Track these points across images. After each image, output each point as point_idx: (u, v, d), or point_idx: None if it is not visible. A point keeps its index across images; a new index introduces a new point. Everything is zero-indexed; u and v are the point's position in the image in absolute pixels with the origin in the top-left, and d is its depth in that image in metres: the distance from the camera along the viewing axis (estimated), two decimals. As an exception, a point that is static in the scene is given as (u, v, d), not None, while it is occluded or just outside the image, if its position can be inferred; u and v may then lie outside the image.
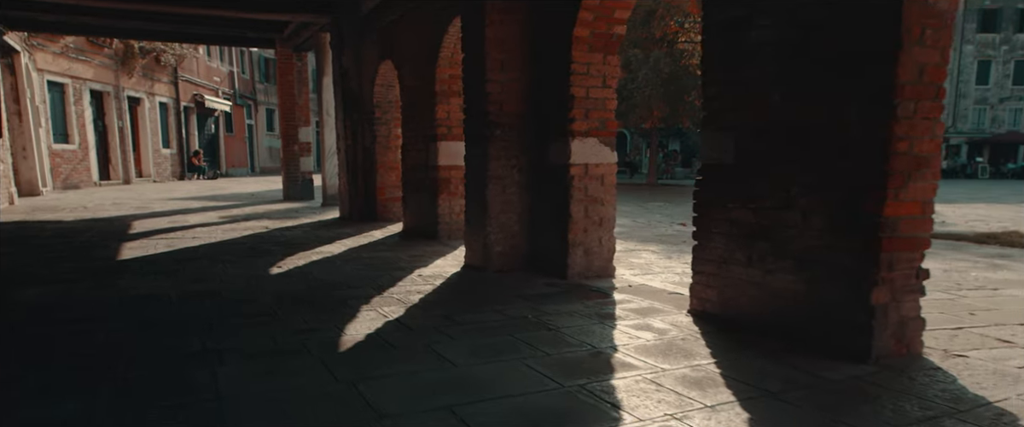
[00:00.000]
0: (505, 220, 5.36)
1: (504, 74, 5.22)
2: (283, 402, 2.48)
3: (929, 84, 2.87)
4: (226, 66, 28.90)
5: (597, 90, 4.95)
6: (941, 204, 14.80)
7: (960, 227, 9.69)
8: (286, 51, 13.34)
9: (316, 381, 2.70)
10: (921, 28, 2.80)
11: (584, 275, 5.01)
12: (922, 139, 2.90)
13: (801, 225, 3.21)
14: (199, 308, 4.02)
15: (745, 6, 3.40)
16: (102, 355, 3.05)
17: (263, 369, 2.86)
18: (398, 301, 4.21)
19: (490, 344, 3.24)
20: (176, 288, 4.61)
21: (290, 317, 3.78)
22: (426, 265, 5.63)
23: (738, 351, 3.16)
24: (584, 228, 5.01)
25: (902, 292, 2.99)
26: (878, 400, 2.52)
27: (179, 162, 23.85)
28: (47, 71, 16.10)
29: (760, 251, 3.44)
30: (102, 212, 10.52)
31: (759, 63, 3.36)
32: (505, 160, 5.32)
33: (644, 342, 3.29)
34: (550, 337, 3.37)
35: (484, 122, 5.26)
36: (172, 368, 2.88)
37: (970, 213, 12.25)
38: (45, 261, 5.76)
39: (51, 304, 4.15)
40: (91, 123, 18.19)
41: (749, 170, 3.49)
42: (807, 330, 3.20)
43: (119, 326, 3.60)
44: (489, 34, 5.13)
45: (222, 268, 5.43)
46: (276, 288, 4.64)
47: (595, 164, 5.00)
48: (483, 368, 2.87)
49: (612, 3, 4.74)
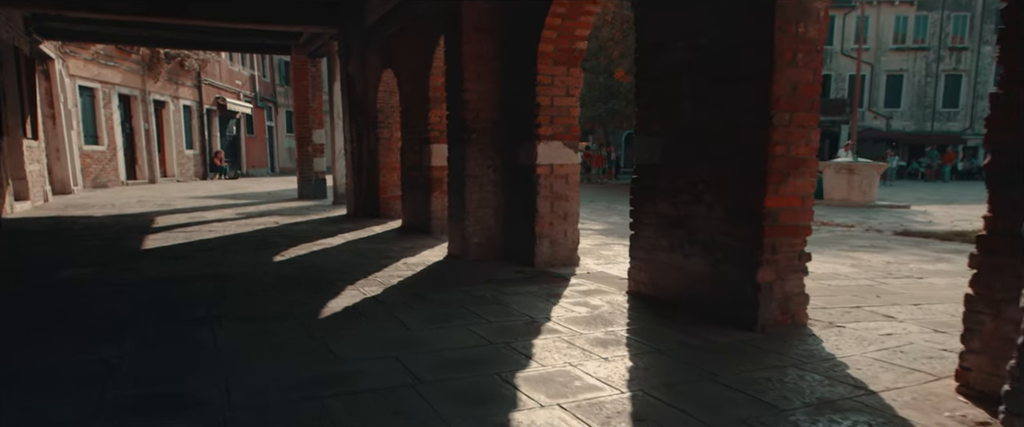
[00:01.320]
0: (482, 214, 6.00)
1: (480, 85, 5.86)
2: (266, 350, 3.14)
3: (803, 98, 3.46)
4: (247, 70, 29.90)
5: (561, 99, 5.56)
6: (942, 205, 15.02)
7: (942, 226, 10.09)
8: (301, 57, 14.11)
9: (295, 338, 3.36)
10: (793, 53, 3.38)
11: (550, 263, 5.62)
12: (798, 144, 3.48)
13: (707, 216, 3.81)
14: (208, 287, 4.70)
15: (661, 33, 4.01)
16: (127, 318, 3.74)
17: (254, 330, 3.52)
18: (379, 283, 4.87)
19: (445, 314, 3.88)
20: (190, 271, 5.31)
21: (284, 294, 4.46)
22: (413, 255, 6.28)
23: (652, 321, 3.76)
24: (550, 222, 5.62)
25: (786, 271, 3.57)
26: (744, 356, 3.11)
27: (201, 162, 24.84)
28: (79, 76, 17.08)
29: (679, 238, 4.03)
30: (128, 209, 11.35)
31: (674, 79, 3.97)
32: (481, 161, 5.95)
33: (576, 315, 3.91)
34: (498, 310, 4.00)
35: (463, 127, 5.90)
36: (182, 327, 3.56)
37: (965, 213, 12.58)
38: (78, 249, 6.52)
39: (85, 281, 4.87)
40: (119, 125, 19.18)
41: (671, 169, 4.08)
42: (713, 305, 3.79)
43: (140, 299, 4.29)
44: (466, 50, 5.77)
45: (232, 256, 6.14)
46: (276, 272, 5.33)
47: (560, 164, 5.61)
48: (432, 331, 3.51)
49: (572, 23, 5.35)
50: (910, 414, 2.39)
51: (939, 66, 40.26)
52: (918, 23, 40.20)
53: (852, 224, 10.02)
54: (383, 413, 2.39)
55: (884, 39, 40.28)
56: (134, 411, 2.41)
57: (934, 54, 40.16)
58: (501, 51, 5.85)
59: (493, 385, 2.68)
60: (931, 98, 40.46)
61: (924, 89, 40.41)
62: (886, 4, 39.92)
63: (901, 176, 36.15)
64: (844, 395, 2.57)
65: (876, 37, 40.19)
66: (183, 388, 2.63)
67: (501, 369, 2.88)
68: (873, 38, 40.20)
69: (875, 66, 40.54)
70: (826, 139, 37.87)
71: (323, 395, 2.55)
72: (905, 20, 40.18)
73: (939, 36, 39.88)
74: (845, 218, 10.94)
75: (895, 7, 39.86)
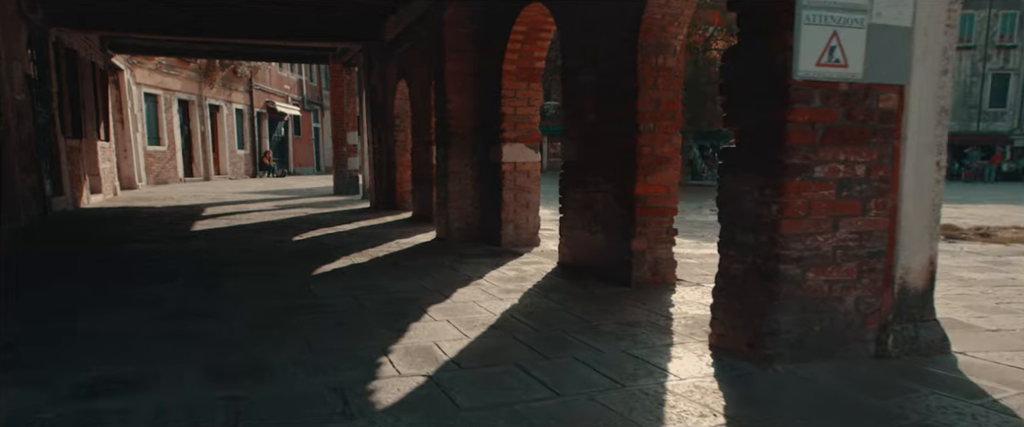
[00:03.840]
0: (462, 203, 7.26)
1: (459, 97, 7.12)
2: (267, 291, 4.47)
3: (664, 112, 4.59)
4: (296, 75, 31.91)
5: (523, 108, 6.77)
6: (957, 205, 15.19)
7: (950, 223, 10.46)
8: (337, 66, 15.64)
9: (288, 283, 4.70)
10: (654, 78, 4.53)
11: (515, 244, 6.83)
12: (662, 146, 4.62)
13: (604, 201, 4.98)
14: (236, 256, 6.10)
15: (576, 61, 5.20)
16: (174, 273, 5.14)
17: (262, 281, 4.87)
18: (368, 255, 6.18)
19: (406, 274, 5.16)
20: (225, 246, 6.75)
21: (292, 261, 5.82)
22: (407, 238, 7.58)
23: (558, 279, 4.96)
24: (514, 209, 6.83)
25: (655, 242, 4.71)
26: (607, 301, 4.27)
27: (252, 162, 26.86)
28: (144, 84, 19.07)
29: (588, 218, 5.21)
30: (184, 201, 13.04)
31: (585, 95, 5.14)
32: (462, 159, 7.21)
33: (505, 275, 5.13)
34: (448, 272, 5.25)
35: (446, 131, 7.18)
36: (211, 279, 4.94)
37: (976, 213, 12.89)
38: (141, 231, 8.05)
39: (146, 252, 6.34)
40: (178, 128, 21.18)
41: (584, 165, 5.26)
42: (607, 268, 4.95)
43: (184, 262, 5.71)
44: (448, 68, 7.04)
45: (261, 236, 7.57)
46: (292, 248, 6.71)
47: (522, 162, 6.82)
48: (388, 283, 4.79)
49: (530, 47, 6.55)
50: (682, 333, 3.54)
51: (986, 65, 39.53)
52: (964, 21, 39.52)
53: None
54: (332, 323, 3.67)
55: (927, 38, 39.74)
56: (177, 317, 3.76)
57: (981, 53, 39.47)
58: (476, 69, 7.09)
59: (413, 311, 3.93)
60: (977, 97, 39.78)
61: (970, 88, 39.75)
62: (930, 3, 39.38)
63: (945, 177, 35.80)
64: (648, 320, 3.73)
65: (920, 36, 39.72)
66: (207, 308, 3.98)
67: (424, 304, 4.13)
68: (916, 37, 39.75)
69: (918, 66, 40.05)
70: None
71: (298, 312, 3.85)
72: (950, 19, 39.53)
73: (986, 34, 39.16)
74: None
75: (939, 6, 39.30)
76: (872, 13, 2.74)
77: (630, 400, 2.51)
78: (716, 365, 2.94)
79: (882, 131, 2.90)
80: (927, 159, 3.01)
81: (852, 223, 2.91)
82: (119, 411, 2.37)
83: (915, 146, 2.96)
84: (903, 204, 2.98)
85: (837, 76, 2.74)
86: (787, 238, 2.80)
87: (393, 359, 2.99)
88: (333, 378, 2.73)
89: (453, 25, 7.00)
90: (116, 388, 2.61)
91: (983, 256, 6.58)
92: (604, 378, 2.75)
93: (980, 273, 5.50)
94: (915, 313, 3.09)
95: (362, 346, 3.20)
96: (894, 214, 2.98)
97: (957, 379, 2.76)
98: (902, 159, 2.95)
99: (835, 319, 2.95)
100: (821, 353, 2.94)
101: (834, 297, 2.93)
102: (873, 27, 2.75)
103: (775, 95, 2.77)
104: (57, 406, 2.41)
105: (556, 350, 3.15)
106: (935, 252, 3.13)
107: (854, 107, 2.83)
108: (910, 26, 2.82)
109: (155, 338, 3.34)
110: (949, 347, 3.13)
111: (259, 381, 2.71)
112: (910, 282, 3.06)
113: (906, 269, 3.04)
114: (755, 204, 2.90)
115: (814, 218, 2.83)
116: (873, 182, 2.92)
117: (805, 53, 2.66)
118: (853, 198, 2.89)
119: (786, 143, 2.75)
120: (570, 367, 2.90)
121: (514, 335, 3.44)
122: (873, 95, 2.85)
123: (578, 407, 2.44)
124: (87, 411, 2.37)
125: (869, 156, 2.89)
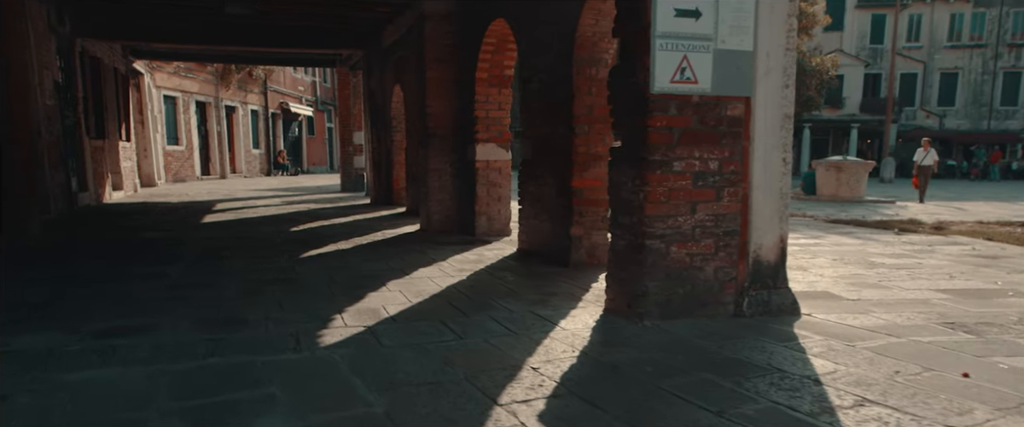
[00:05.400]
0: (442, 197, 8.02)
1: (439, 101, 7.88)
2: (257, 270, 5.26)
3: (598, 116, 5.31)
4: (309, 77, 32.91)
5: (495, 112, 7.51)
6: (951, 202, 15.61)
7: (896, 218, 11.01)
8: (343, 70, 16.51)
9: (276, 264, 5.49)
10: (588, 87, 5.25)
11: (487, 233, 7.58)
12: (596, 145, 5.34)
13: (549, 193, 5.71)
14: (237, 242, 6.91)
15: (529, 71, 5.94)
16: (180, 255, 5.96)
17: (252, 261, 5.67)
18: (353, 243, 6.96)
19: (379, 257, 5.93)
20: (228, 234, 7.57)
21: (284, 247, 6.61)
22: (395, 229, 8.36)
23: (510, 261, 5.69)
24: (486, 202, 7.58)
25: (591, 229, 5.44)
26: (542, 278, 5.00)
27: (266, 160, 27.88)
28: (163, 87, 20.09)
29: (539, 209, 5.94)
30: (198, 197, 13.96)
31: (536, 101, 5.88)
32: (441, 157, 7.98)
33: (465, 258, 5.88)
34: (417, 256, 6.01)
35: (427, 132, 7.95)
36: (211, 260, 5.75)
37: (966, 209, 13.33)
38: (156, 222, 8.92)
39: (158, 239, 7.19)
40: (196, 128, 22.21)
41: (536, 163, 5.99)
42: (553, 253, 5.68)
43: (191, 247, 6.53)
44: (429, 75, 7.81)
45: (262, 227, 8.40)
46: (287, 237, 7.52)
47: (494, 160, 7.56)
48: (361, 263, 5.56)
49: (500, 57, 7.29)
50: (589, 301, 4.26)
51: (997, 63, 39.51)
52: (975, 20, 39.61)
53: (815, 214, 11.24)
54: (303, 292, 4.45)
55: (938, 37, 39.89)
56: (178, 288, 4.56)
57: (992, 51, 39.47)
58: (454, 76, 7.85)
59: (374, 284, 4.70)
60: (988, 96, 39.79)
61: (981, 87, 39.79)
62: (940, 2, 39.53)
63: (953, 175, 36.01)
64: (567, 291, 4.46)
65: (929, 35, 39.89)
66: (203, 282, 4.78)
67: (386, 279, 4.89)
68: (926, 36, 39.95)
69: (928, 64, 40.22)
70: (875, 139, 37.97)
71: (278, 284, 4.64)
72: (961, 17, 39.65)
73: (997, 33, 39.16)
74: (817, 210, 12.09)
75: (950, 5, 39.42)
76: (717, 40, 3.45)
77: (515, 342, 3.25)
78: (600, 321, 3.67)
79: (731, 134, 3.61)
80: (774, 156, 3.71)
81: (708, 208, 3.62)
82: (127, 346, 3.16)
83: (762, 146, 3.67)
84: (754, 193, 3.69)
85: (689, 90, 3.46)
86: (651, 219, 3.52)
87: (344, 317, 3.76)
88: (293, 328, 3.50)
89: (433, 38, 7.77)
90: (125, 332, 3.40)
91: (914, 245, 7.21)
92: (504, 329, 3.50)
93: (894, 258, 6.15)
94: (768, 282, 3.80)
95: (323, 307, 3.97)
96: (746, 201, 3.69)
97: (784, 331, 3.46)
98: (751, 156, 3.66)
99: (696, 285, 3.67)
100: (686, 312, 3.65)
101: (695, 267, 3.65)
102: (719, 51, 3.47)
103: (640, 105, 3.50)
104: (81, 343, 3.21)
105: (477, 311, 3.90)
106: (785, 232, 3.83)
107: (706, 114, 3.55)
108: (751, 50, 3.53)
109: (158, 301, 4.14)
110: (798, 309, 3.84)
111: (235, 329, 3.49)
112: (763, 256, 3.77)
113: (759, 245, 3.74)
114: (629, 192, 3.63)
115: (674, 203, 3.55)
116: (726, 175, 3.63)
117: (660, 73, 3.38)
118: (708, 187, 3.60)
119: (648, 143, 3.48)
120: (481, 322, 3.64)
121: (450, 301, 4.19)
122: (722, 105, 3.57)
123: (472, 346, 3.19)
124: (104, 346, 3.16)
125: (721, 154, 3.60)
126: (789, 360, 2.95)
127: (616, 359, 2.98)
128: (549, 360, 2.96)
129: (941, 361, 2.94)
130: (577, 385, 2.64)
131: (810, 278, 5.02)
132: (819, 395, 2.51)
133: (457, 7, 7.71)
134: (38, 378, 2.70)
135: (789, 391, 2.55)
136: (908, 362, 2.92)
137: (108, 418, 2.30)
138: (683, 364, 2.88)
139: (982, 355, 3.04)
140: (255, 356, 3.00)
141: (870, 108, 37.42)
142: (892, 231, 8.79)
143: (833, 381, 2.67)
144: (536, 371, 2.80)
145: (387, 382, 2.65)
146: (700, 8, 3.40)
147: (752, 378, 2.69)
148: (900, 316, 3.80)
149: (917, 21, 40.53)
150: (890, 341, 3.27)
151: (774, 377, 2.71)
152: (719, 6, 3.44)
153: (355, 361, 2.93)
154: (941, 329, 3.52)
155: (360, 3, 9.36)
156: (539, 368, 2.84)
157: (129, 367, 2.84)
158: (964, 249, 6.96)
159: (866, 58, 38.87)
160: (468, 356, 3.03)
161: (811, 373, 2.76)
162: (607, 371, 2.82)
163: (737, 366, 2.85)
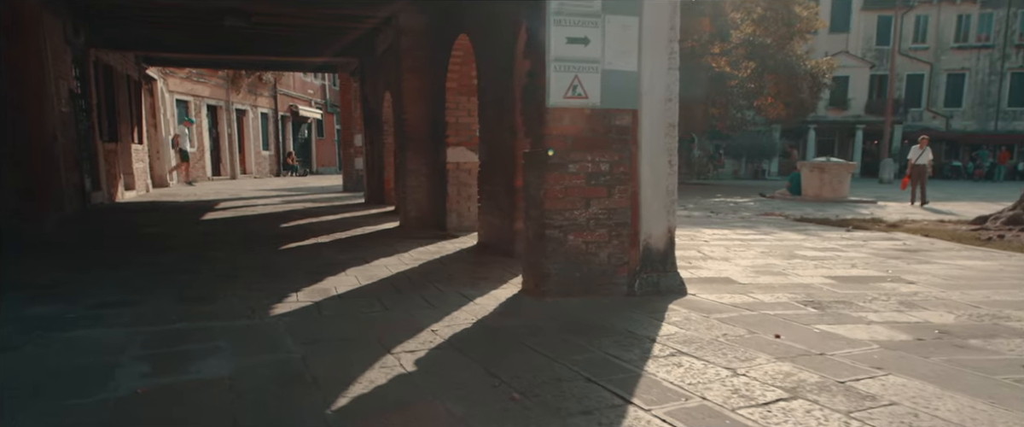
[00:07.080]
0: (418, 196, 8.74)
1: (415, 107, 8.61)
2: (235, 259, 6.01)
3: (538, 123, 5.98)
4: (318, 80, 33.83)
5: (464, 118, 8.21)
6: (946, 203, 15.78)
7: (870, 217, 11.50)
8: (345, 76, 17.31)
9: (256, 254, 6.24)
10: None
11: (457, 229, 8.28)
12: (537, 149, 6.01)
13: (500, 192, 6.40)
14: (225, 236, 7.68)
15: (484, 85, 6.64)
16: (173, 247, 6.72)
17: (236, 252, 6.42)
18: (333, 237, 7.69)
19: (350, 249, 6.65)
20: (223, 229, 8.35)
21: (268, 240, 7.36)
22: (376, 225, 9.09)
23: (464, 253, 6.39)
24: (457, 201, 8.28)
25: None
26: (485, 265, 5.68)
27: (276, 162, 28.81)
28: (175, 91, 21.04)
29: (492, 206, 6.64)
30: (205, 197, 14.81)
31: (490, 109, 6.57)
32: (418, 159, 8.70)
33: (427, 250, 6.58)
34: (384, 248, 6.72)
35: (404, 136, 8.67)
36: (203, 251, 6.51)
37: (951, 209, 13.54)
38: (160, 219, 9.73)
39: (160, 233, 7.98)
40: (207, 131, 23.14)
41: (490, 165, 6.69)
42: (503, 245, 6.37)
43: (189, 241, 7.30)
44: (404, 85, 8.54)
45: (256, 223, 9.17)
46: (275, 232, 8.27)
47: (464, 162, 8.26)
48: (332, 254, 6.29)
49: (467, 68, 7.98)
50: (514, 283, 4.95)
51: (1004, 64, 39.51)
52: (982, 20, 39.65)
53: (789, 213, 11.66)
54: (272, 277, 5.17)
55: (944, 38, 39.95)
56: (165, 273, 5.31)
57: (999, 52, 39.49)
58: (428, 85, 8.57)
59: (335, 271, 5.41)
60: (995, 97, 39.79)
61: (988, 88, 39.81)
62: (947, 3, 39.61)
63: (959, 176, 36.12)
64: (498, 276, 5.13)
65: (936, 36, 39.97)
66: (188, 268, 5.53)
67: (348, 267, 5.61)
68: (933, 37, 40.03)
69: (934, 65, 40.30)
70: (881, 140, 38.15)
71: (251, 271, 5.37)
72: (968, 18, 39.70)
73: (1005, 33, 39.17)
74: (794, 210, 12.46)
75: (957, 5, 39.48)
76: (604, 62, 4.13)
77: (430, 313, 3.95)
78: (511, 299, 4.35)
79: (620, 140, 4.28)
80: (660, 159, 4.38)
81: (601, 203, 4.29)
82: (114, 314, 3.89)
83: (649, 150, 4.33)
84: (643, 190, 4.36)
85: (580, 104, 4.14)
86: (550, 212, 4.20)
87: (299, 295, 4.47)
88: (253, 303, 4.22)
89: (409, 50, 8.51)
90: (115, 304, 4.14)
91: (851, 241, 7.79)
92: (426, 303, 4.20)
93: (819, 252, 6.75)
94: (658, 266, 4.46)
95: (284, 288, 4.68)
96: (635, 197, 4.36)
97: (659, 307, 4.12)
98: (639, 159, 4.33)
99: (592, 268, 4.34)
100: (584, 291, 4.33)
101: (590, 253, 4.32)
102: (606, 71, 4.14)
103: (541, 116, 4.18)
104: (80, 311, 3.96)
105: (412, 290, 4.60)
106: (673, 224, 4.49)
107: (597, 124, 4.22)
108: (636, 70, 4.20)
109: (146, 283, 4.89)
110: (685, 290, 4.50)
111: (206, 303, 4.22)
112: (652, 244, 4.43)
113: (648, 235, 4.41)
114: (534, 189, 4.31)
115: (570, 198, 4.23)
116: (616, 175, 4.30)
117: (555, 90, 4.06)
118: (600, 185, 4.28)
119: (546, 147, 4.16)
120: (410, 299, 4.35)
121: (393, 283, 4.91)
122: (611, 115, 4.24)
123: (393, 317, 3.89)
124: (96, 315, 3.90)
125: (611, 157, 4.27)
126: (644, 325, 3.62)
127: (503, 325, 3.67)
128: (450, 325, 3.65)
129: (769, 327, 3.59)
130: (460, 341, 3.33)
131: (723, 266, 5.67)
132: (647, 349, 3.18)
133: (430, 23, 8.43)
134: (42, 336, 3.45)
135: (624, 347, 3.22)
136: (740, 327, 3.58)
137: (90, 361, 3.03)
138: (553, 328, 3.56)
139: (809, 324, 3.69)
140: (215, 322, 3.72)
141: (876, 109, 37.62)
142: (845, 229, 9.32)
143: (666, 340, 3.33)
144: (434, 332, 3.50)
145: (312, 339, 3.36)
146: (589, 37, 4.08)
147: (601, 337, 3.37)
148: (771, 296, 4.44)
149: (924, 22, 40.59)
150: (742, 314, 3.92)
151: (620, 337, 3.38)
152: (606, 34, 4.11)
153: (293, 325, 3.64)
154: (796, 305, 4.16)
155: (347, 17, 10.10)
156: (437, 330, 3.54)
157: (112, 328, 3.58)
158: (895, 244, 7.54)
159: (872, 59, 39.07)
160: (386, 322, 3.73)
161: (653, 335, 3.43)
162: (490, 333, 3.51)
163: (596, 330, 3.53)
